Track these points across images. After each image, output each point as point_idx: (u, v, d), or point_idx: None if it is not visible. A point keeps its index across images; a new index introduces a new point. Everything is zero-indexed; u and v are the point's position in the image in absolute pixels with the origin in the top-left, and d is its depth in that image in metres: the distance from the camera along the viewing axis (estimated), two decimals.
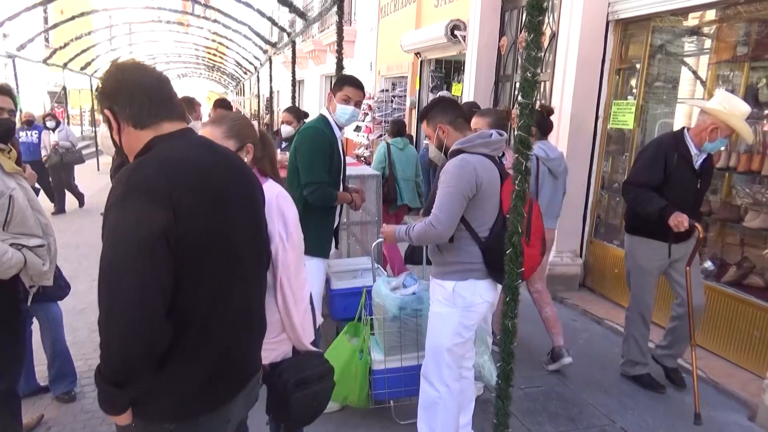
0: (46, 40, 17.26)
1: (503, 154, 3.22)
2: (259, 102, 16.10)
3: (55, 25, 9.82)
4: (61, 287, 3.14)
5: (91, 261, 5.95)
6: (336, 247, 3.41)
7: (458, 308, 2.51)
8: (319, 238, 3.21)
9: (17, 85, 9.19)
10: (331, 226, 3.32)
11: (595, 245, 5.47)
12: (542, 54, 2.22)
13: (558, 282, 5.37)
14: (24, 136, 8.38)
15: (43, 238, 2.65)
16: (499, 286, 2.59)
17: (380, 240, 3.01)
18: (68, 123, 14.40)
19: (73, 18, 8.79)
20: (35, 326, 3.25)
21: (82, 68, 12.82)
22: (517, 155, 2.31)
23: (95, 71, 14.08)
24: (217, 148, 1.60)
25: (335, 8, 5.20)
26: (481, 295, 2.53)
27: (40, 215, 2.67)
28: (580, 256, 5.52)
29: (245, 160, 1.94)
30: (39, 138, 8.70)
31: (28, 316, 3.01)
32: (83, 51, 11.77)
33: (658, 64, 5.14)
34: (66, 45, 10.50)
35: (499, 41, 6.98)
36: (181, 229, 1.35)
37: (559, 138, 5.36)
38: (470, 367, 2.86)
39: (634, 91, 5.21)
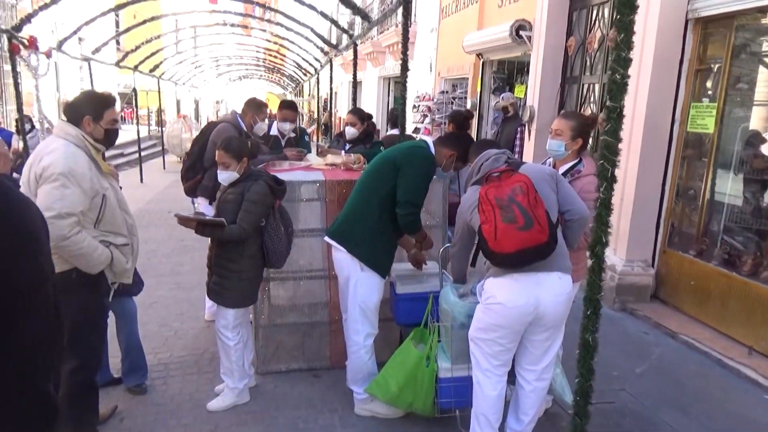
0: (118, 43, 18.07)
1: (580, 160, 3.09)
2: (318, 103, 16.33)
3: (128, 29, 10.23)
4: (136, 283, 3.24)
5: (159, 257, 6.15)
6: None
7: (482, 303, 2.70)
8: (380, 253, 3.18)
9: (92, 86, 9.62)
10: (394, 248, 3.29)
11: (668, 255, 5.20)
12: (632, 55, 2.11)
13: (627, 292, 5.14)
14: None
15: (128, 238, 2.75)
16: (536, 287, 2.54)
17: (447, 246, 2.99)
18: (137, 123, 14.92)
19: (144, 22, 9.13)
20: (110, 320, 3.37)
21: (151, 71, 13.33)
22: (602, 161, 2.21)
23: (162, 73, 14.62)
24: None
25: (400, 9, 5.17)
26: (495, 294, 2.60)
27: (127, 215, 2.77)
28: (652, 266, 5.27)
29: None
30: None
31: (107, 310, 3.12)
32: (152, 54, 12.22)
33: (742, 64, 4.84)
34: (137, 48, 10.93)
35: (567, 42, 6.78)
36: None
37: (632, 141, 5.14)
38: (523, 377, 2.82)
39: (710, 92, 4.93)
